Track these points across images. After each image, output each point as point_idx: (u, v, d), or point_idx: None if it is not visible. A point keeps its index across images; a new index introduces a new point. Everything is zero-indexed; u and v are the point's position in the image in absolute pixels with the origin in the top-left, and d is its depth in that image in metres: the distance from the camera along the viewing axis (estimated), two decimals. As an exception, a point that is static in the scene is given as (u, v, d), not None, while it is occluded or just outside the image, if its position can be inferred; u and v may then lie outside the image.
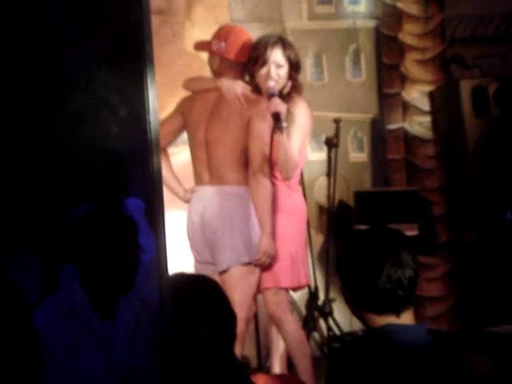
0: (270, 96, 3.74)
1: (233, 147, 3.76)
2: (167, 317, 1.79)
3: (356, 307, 2.15)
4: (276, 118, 3.69)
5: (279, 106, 3.70)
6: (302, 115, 3.86)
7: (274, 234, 3.80)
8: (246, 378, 1.89)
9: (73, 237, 2.50)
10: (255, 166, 3.72)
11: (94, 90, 1.82)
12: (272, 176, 3.82)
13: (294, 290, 4.07)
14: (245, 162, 3.76)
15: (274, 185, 3.82)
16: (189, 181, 4.04)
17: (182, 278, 2.03)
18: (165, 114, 4.37)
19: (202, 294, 2.00)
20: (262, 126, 3.72)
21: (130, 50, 1.74)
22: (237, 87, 3.77)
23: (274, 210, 3.80)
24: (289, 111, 3.78)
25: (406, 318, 2.13)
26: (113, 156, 2.83)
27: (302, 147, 3.91)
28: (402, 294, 2.11)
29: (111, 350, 2.51)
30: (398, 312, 2.12)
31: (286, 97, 3.83)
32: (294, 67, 3.88)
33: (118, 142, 1.92)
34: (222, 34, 3.88)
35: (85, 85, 1.83)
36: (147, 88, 1.75)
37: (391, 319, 2.12)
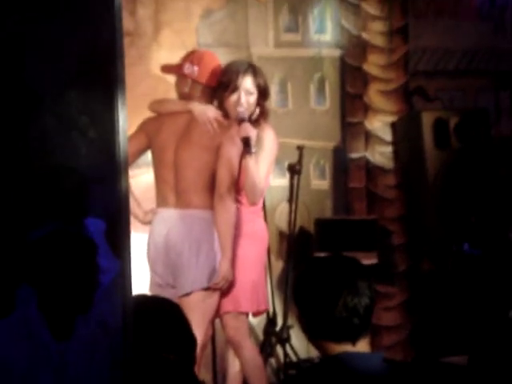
0: (241, 121, 3.77)
1: (202, 170, 3.77)
2: (129, 339, 1.79)
3: (312, 335, 2.17)
4: (246, 142, 3.73)
5: (249, 130, 3.74)
6: (269, 141, 3.91)
7: (235, 258, 3.81)
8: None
9: (31, 256, 2.49)
10: (222, 190, 3.73)
11: (62, 111, 1.82)
12: (237, 201, 3.84)
13: (254, 315, 4.07)
14: (212, 185, 3.77)
15: (238, 210, 3.83)
16: (149, 203, 4.02)
17: (144, 300, 2.03)
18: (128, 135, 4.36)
19: (165, 317, 2.00)
20: (232, 151, 3.75)
21: (100, 71, 1.75)
22: (209, 111, 3.79)
23: (237, 234, 3.82)
24: (257, 137, 3.82)
25: (362, 346, 2.15)
26: (77, 176, 2.83)
27: (267, 173, 3.94)
28: (358, 322, 2.13)
29: (67, 371, 2.49)
30: (353, 340, 2.14)
31: (253, 123, 3.87)
32: (263, 94, 3.92)
33: (86, 162, 1.92)
34: (195, 58, 3.91)
35: (52, 105, 1.83)
36: (117, 109, 1.75)
37: (347, 347, 2.13)
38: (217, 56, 4.06)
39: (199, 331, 3.72)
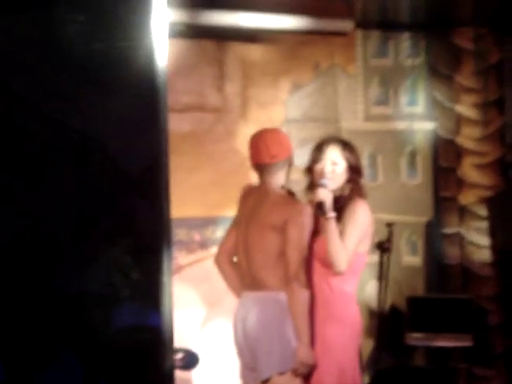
0: (320, 186, 3.71)
1: (270, 251, 3.68)
2: None
3: None
4: (319, 206, 3.64)
5: (323, 195, 3.65)
6: (360, 213, 3.78)
7: (322, 342, 3.68)
8: None
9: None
10: (291, 273, 3.63)
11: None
12: (327, 274, 3.70)
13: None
14: (283, 265, 3.67)
15: (328, 291, 3.71)
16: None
17: None
18: (213, 211, 4.32)
19: None
20: (299, 230, 3.65)
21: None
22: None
23: (324, 317, 3.70)
24: (347, 209, 3.72)
25: None
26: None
27: (361, 249, 3.80)
28: None
29: None
30: None
31: (345, 198, 3.77)
32: (354, 170, 3.82)
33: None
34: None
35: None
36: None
37: None
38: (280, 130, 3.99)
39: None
